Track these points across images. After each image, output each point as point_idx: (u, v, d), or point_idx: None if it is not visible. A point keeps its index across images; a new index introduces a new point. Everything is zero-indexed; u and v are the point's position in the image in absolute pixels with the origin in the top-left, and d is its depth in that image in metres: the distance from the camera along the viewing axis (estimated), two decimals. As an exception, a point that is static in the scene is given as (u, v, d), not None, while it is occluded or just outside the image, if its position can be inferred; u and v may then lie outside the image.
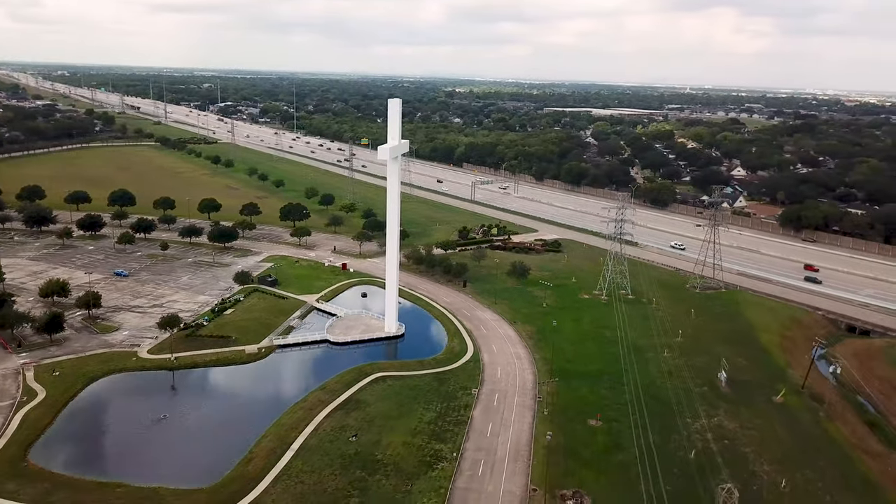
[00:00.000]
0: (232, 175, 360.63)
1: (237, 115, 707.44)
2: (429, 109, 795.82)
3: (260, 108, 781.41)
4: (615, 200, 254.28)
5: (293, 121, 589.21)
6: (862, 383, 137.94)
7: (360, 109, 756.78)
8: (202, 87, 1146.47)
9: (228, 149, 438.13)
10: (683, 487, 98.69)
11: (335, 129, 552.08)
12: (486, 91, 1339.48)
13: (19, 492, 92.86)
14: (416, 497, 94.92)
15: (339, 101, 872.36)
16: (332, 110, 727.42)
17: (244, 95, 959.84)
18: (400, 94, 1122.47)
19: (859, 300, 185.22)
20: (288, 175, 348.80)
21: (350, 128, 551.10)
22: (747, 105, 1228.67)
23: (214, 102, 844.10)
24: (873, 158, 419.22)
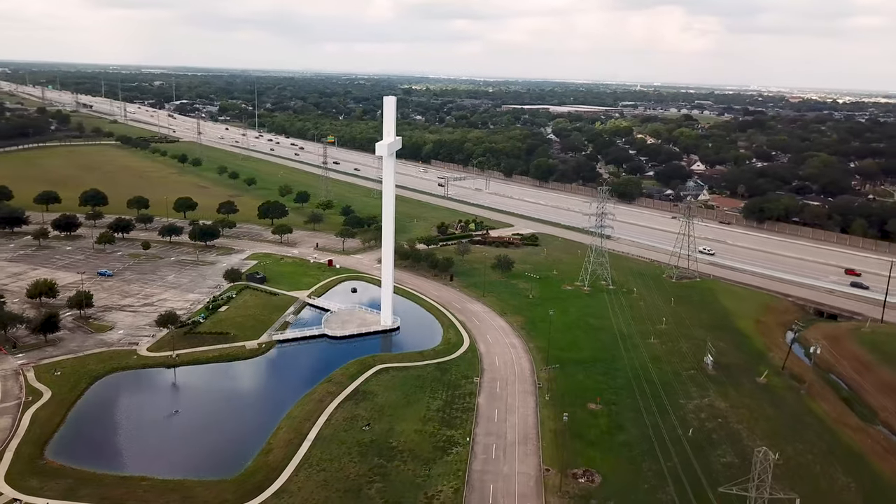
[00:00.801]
0: (200, 174, 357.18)
1: (195, 114, 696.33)
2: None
3: (217, 106, 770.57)
4: (583, 195, 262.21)
5: (254, 119, 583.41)
6: (834, 364, 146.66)
7: (320, 107, 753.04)
8: (153, 85, 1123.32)
9: (193, 147, 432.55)
10: (686, 463, 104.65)
11: (298, 127, 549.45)
12: (443, 89, 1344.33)
13: (44, 488, 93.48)
14: (436, 480, 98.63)
15: (297, 99, 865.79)
16: (293, 108, 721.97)
17: (199, 93, 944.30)
18: (357, 92, 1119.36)
19: (824, 286, 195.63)
20: (258, 173, 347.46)
21: (314, 125, 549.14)
22: (697, 102, 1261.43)
23: (169, 100, 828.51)
24: (822, 153, 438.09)
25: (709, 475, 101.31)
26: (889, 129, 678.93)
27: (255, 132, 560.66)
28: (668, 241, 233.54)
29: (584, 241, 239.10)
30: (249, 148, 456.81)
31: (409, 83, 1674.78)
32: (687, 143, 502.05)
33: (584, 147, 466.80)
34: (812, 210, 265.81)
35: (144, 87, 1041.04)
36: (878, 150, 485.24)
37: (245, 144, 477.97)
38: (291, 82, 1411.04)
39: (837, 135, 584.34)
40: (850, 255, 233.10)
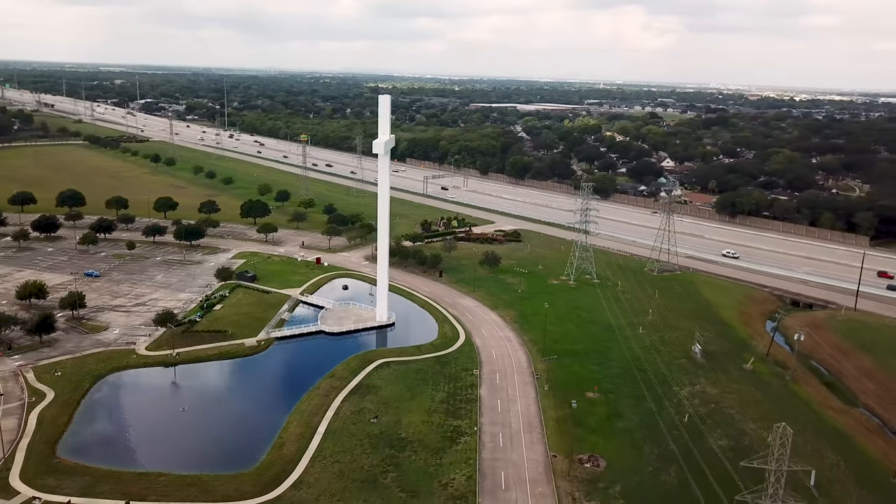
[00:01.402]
0: (175, 174, 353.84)
1: (161, 113, 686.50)
2: (357, 105, 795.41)
3: (184, 105, 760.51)
4: (559, 192, 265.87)
5: (223, 118, 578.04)
6: (814, 350, 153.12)
7: (289, 105, 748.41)
8: (115, 84, 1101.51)
9: (165, 147, 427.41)
10: (685, 446, 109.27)
11: (269, 126, 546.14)
12: (410, 87, 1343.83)
13: (61, 486, 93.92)
14: (448, 469, 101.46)
15: (264, 98, 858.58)
16: (261, 107, 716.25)
17: (163, 92, 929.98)
18: (323, 90, 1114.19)
19: (799, 277, 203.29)
20: (234, 173, 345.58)
21: (285, 124, 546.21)
22: (660, 100, 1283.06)
23: (133, 99, 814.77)
24: (785, 149, 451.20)
25: (708, 457, 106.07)
26: (846, 125, 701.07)
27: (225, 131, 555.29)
28: (646, 236, 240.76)
29: (566, 237, 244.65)
30: (223, 147, 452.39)
31: (375, 81, 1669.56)
32: (655, 140, 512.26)
33: (556, 145, 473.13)
34: (781, 204, 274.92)
35: (106, 86, 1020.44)
36: (837, 146, 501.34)
37: (218, 144, 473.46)
38: (256, 81, 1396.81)
39: (798, 132, 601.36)
40: (819, 248, 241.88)
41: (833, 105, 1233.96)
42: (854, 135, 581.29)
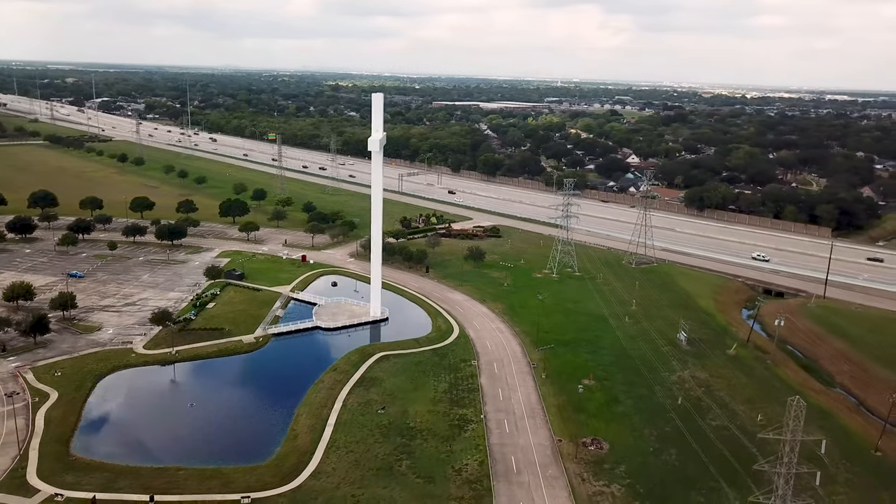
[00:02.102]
0: (145, 173, 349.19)
1: (120, 112, 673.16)
2: (321, 103, 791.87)
3: (142, 103, 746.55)
4: (531, 189, 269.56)
5: (186, 116, 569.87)
6: (789, 336, 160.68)
7: (251, 104, 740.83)
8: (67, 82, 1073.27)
9: (131, 147, 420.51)
10: (682, 427, 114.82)
11: (234, 125, 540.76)
12: (371, 85, 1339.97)
13: (81, 482, 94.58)
14: (460, 455, 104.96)
15: (225, 96, 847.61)
16: (224, 105, 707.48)
17: (119, 91, 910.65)
18: (283, 88, 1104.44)
19: (769, 267, 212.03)
20: (206, 172, 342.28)
21: (250, 123, 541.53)
22: (617, 97, 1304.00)
23: (89, 98, 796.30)
24: (744, 145, 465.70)
25: (704, 437, 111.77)
26: (797, 122, 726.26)
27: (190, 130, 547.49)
28: (620, 230, 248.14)
29: (543, 232, 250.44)
30: (191, 147, 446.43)
31: (334, 80, 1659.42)
32: (619, 137, 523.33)
33: (523, 142, 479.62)
34: (747, 198, 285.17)
35: (59, 85, 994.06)
36: (791, 141, 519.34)
37: (195, 145, 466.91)
38: (213, 79, 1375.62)
39: (754, 128, 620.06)
40: (785, 239, 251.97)
41: (783, 102, 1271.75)
42: (807, 131, 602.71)
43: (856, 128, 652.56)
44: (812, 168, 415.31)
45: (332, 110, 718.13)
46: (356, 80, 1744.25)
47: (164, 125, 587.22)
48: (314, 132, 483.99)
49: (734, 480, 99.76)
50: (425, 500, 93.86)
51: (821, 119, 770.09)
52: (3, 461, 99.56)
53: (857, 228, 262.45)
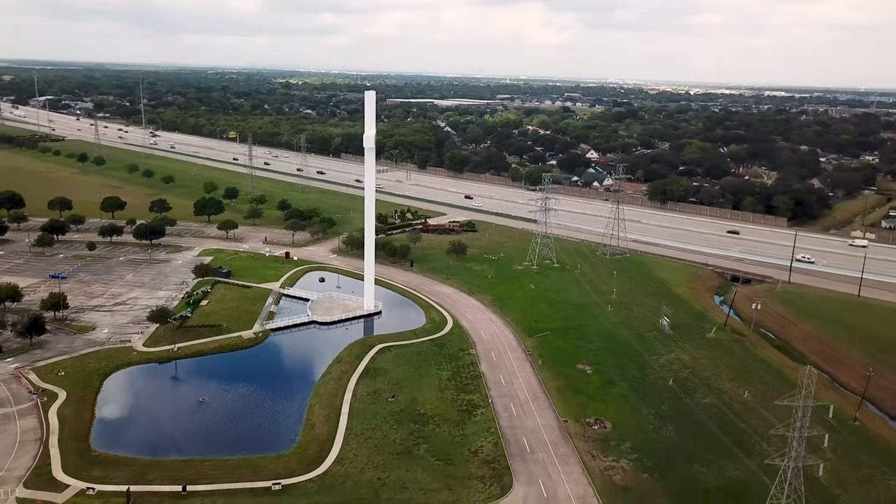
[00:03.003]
0: (107, 173, 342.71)
1: (67, 111, 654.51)
2: (274, 101, 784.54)
3: (90, 102, 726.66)
4: (499, 185, 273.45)
5: (141, 115, 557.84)
6: (761, 319, 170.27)
7: (204, 102, 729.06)
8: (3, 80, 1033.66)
9: (85, 146, 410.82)
10: (676, 405, 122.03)
11: (192, 123, 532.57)
12: (322, 83, 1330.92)
13: (109, 476, 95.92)
14: (473, 438, 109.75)
15: (175, 94, 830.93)
16: (177, 104, 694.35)
17: (63, 88, 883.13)
18: (233, 86, 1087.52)
19: (734, 256, 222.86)
20: (172, 171, 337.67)
21: (208, 121, 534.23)
22: (567, 94, 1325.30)
23: (32, 96, 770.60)
24: (695, 140, 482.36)
25: (697, 414, 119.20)
26: (742, 117, 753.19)
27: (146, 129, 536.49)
28: (589, 223, 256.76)
29: (516, 226, 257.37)
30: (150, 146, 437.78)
31: (283, 77, 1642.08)
32: (576, 133, 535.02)
33: (484, 139, 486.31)
34: (707, 191, 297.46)
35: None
36: (739, 136, 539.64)
37: (154, 144, 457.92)
38: (158, 76, 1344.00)
39: (702, 123, 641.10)
40: (746, 228, 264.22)
41: (725, 98, 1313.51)
42: (752, 126, 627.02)
43: (797, 123, 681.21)
44: (761, 161, 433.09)
45: (286, 108, 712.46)
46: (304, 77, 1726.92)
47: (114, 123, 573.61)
48: (274, 130, 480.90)
49: (729, 452, 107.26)
50: (448, 480, 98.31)
51: (763, 115, 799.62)
52: (24, 459, 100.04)
53: (810, 218, 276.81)
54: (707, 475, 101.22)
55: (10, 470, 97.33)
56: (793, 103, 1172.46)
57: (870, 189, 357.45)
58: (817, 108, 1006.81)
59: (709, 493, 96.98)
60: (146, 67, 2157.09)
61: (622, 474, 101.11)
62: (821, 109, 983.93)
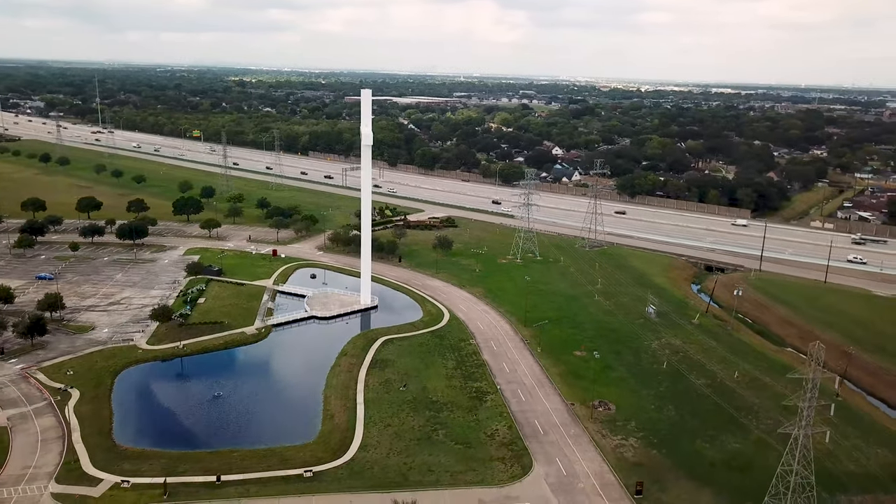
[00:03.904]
0: (73, 174, 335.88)
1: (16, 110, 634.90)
2: (231, 99, 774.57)
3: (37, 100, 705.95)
4: (472, 181, 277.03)
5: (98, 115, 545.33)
6: (739, 306, 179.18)
7: (160, 101, 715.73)
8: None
9: (44, 146, 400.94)
10: (673, 386, 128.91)
11: (152, 123, 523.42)
12: (277, 80, 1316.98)
13: (140, 469, 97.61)
14: (487, 422, 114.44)
15: (127, 93, 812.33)
16: (133, 102, 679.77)
17: (8, 86, 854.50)
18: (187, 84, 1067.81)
19: (706, 246, 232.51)
20: (141, 171, 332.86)
21: (168, 120, 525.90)
22: (522, 92, 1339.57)
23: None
24: (654, 135, 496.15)
25: (693, 394, 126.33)
26: (694, 113, 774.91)
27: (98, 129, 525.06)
28: (563, 217, 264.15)
29: (494, 221, 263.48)
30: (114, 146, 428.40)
31: (230, 74, 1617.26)
32: (538, 130, 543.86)
33: (449, 136, 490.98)
34: (674, 184, 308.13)
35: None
36: (695, 132, 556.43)
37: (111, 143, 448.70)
38: (105, 74, 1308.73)
39: (658, 120, 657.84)
40: (713, 220, 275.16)
41: (675, 95, 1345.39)
42: (706, 122, 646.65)
43: (747, 118, 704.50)
44: (719, 156, 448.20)
45: (245, 106, 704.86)
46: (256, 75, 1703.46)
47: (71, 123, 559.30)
48: (238, 129, 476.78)
49: (728, 428, 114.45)
50: (470, 462, 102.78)
51: (714, 111, 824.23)
52: (51, 456, 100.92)
53: (772, 210, 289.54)
54: (710, 450, 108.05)
55: (39, 467, 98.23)
56: (739, 100, 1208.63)
57: (823, 181, 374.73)
58: (763, 105, 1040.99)
59: (714, 465, 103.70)
60: (91, 65, 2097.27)
61: (632, 451, 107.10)
62: (767, 106, 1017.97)
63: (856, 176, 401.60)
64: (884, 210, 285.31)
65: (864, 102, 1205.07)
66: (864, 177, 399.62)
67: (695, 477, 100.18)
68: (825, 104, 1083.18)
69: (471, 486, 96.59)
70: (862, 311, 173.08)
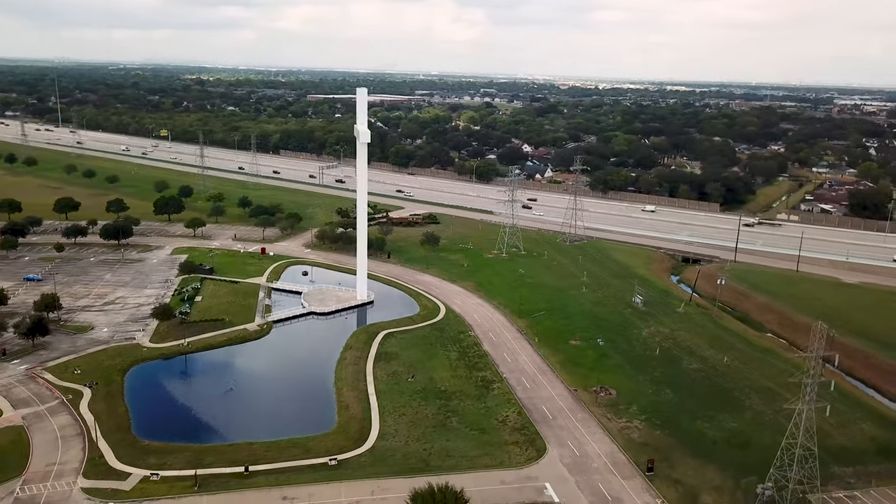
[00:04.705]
0: (41, 174, 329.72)
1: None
2: (193, 98, 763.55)
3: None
4: (446, 178, 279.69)
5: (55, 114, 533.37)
6: (719, 294, 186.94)
7: (119, 100, 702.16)
8: None
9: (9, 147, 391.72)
10: (668, 371, 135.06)
11: (116, 122, 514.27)
12: (238, 79, 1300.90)
13: (167, 463, 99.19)
14: (497, 409, 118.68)
15: (83, 92, 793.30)
16: (92, 102, 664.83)
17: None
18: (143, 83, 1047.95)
19: (683, 239, 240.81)
20: (112, 171, 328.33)
21: (132, 119, 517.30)
22: (483, 90, 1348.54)
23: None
24: (619, 133, 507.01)
25: (687, 378, 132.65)
26: (654, 111, 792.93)
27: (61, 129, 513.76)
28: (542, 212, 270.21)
29: (475, 217, 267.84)
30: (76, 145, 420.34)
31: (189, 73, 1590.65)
32: (505, 127, 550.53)
33: (419, 134, 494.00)
34: (645, 179, 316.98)
35: None
36: (657, 129, 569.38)
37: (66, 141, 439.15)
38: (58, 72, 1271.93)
39: (620, 117, 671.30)
40: (685, 214, 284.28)
41: (633, 93, 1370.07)
42: (666, 119, 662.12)
43: (704, 115, 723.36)
44: (682, 152, 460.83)
45: (208, 105, 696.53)
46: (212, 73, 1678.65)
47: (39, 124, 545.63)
48: (207, 128, 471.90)
49: (724, 409, 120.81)
50: (486, 447, 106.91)
51: (673, 108, 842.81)
52: (74, 453, 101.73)
53: (739, 203, 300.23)
54: (710, 429, 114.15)
55: (63, 463, 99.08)
56: (695, 97, 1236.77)
57: (783, 176, 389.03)
58: (718, 102, 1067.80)
59: (716, 443, 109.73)
60: (40, 63, 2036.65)
61: (638, 432, 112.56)
62: (722, 103, 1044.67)
63: (813, 170, 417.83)
64: (844, 203, 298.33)
65: (813, 100, 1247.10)
66: (821, 171, 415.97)
67: (699, 454, 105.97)
68: (776, 101, 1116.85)
69: (491, 469, 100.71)
70: (833, 297, 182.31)
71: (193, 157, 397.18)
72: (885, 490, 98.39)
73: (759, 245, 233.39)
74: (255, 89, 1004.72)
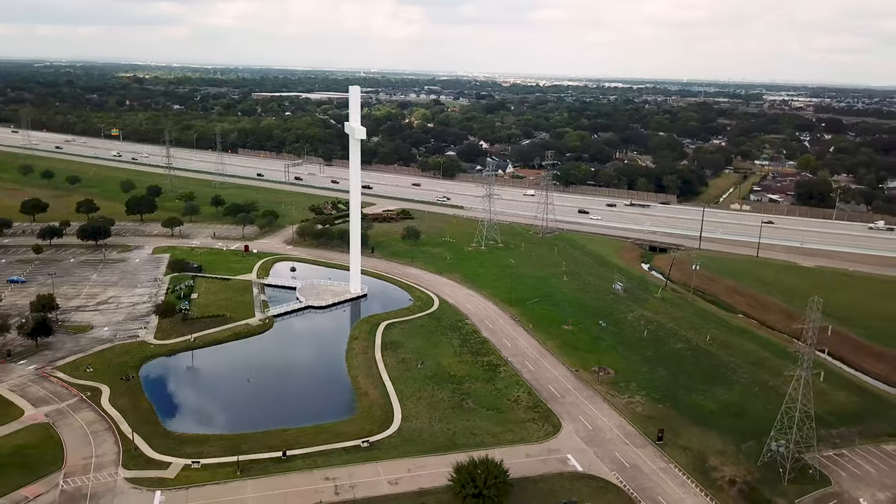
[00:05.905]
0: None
1: None
2: (135, 97, 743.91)
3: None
4: (410, 175, 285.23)
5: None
6: (689, 280, 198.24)
7: (57, 98, 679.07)
8: None
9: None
10: (658, 351, 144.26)
11: (60, 121, 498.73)
12: (177, 77, 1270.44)
13: (204, 451, 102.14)
14: (508, 391, 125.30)
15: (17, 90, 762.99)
16: (31, 101, 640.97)
17: None
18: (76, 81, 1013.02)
19: (647, 229, 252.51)
20: (71, 172, 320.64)
21: (79, 119, 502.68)
22: (427, 87, 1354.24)
23: None
24: (569, 129, 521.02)
25: (676, 356, 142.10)
26: (597, 107, 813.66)
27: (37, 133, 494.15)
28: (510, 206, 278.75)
29: (448, 213, 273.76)
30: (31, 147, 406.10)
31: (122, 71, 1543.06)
32: (459, 125, 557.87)
33: (376, 132, 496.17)
34: (605, 173, 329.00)
35: None
36: (604, 124, 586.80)
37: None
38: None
39: (567, 114, 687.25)
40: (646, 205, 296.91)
41: (574, 90, 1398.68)
42: (612, 115, 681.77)
43: (647, 111, 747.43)
44: (632, 147, 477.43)
45: (153, 104, 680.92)
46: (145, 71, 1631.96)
47: None
48: (158, 127, 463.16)
49: (715, 382, 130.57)
50: (506, 424, 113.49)
51: (615, 105, 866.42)
52: (107, 446, 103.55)
53: (694, 195, 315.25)
54: (705, 401, 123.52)
55: (100, 456, 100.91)
56: (633, 94, 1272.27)
57: (728, 168, 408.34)
58: (656, 98, 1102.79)
59: (713, 413, 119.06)
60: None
61: (641, 406, 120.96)
62: (660, 99, 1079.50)
63: (755, 163, 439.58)
64: (790, 192, 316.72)
65: (744, 95, 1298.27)
66: (762, 163, 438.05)
67: (700, 423, 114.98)
68: (710, 97, 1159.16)
69: (515, 444, 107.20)
70: (794, 280, 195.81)
71: (152, 157, 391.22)
72: (867, 447, 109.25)
73: (720, 234, 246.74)
74: (197, 87, 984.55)
